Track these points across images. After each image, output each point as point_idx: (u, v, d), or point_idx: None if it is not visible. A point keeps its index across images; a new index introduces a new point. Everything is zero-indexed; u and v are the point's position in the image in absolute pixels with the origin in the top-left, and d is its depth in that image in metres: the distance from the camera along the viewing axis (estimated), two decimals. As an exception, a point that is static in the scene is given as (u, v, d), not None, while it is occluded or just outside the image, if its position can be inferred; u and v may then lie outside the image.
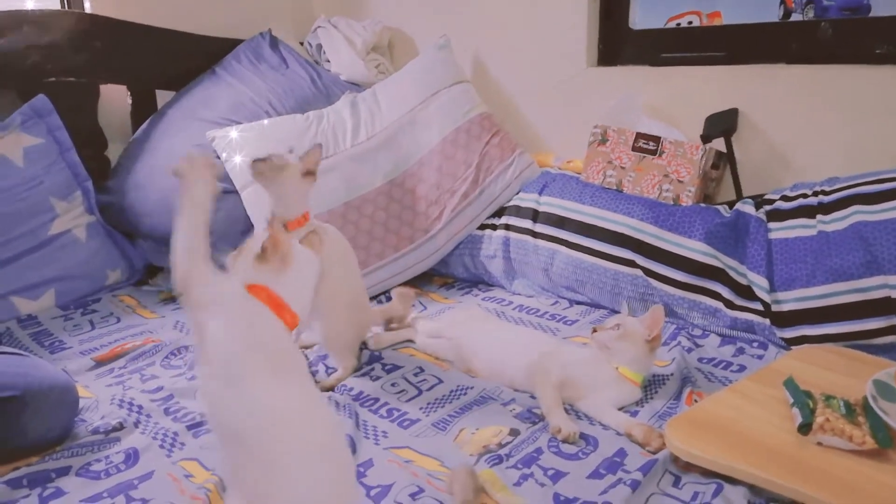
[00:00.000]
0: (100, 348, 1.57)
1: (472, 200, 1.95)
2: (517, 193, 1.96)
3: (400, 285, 1.92)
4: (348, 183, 1.89)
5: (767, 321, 1.52)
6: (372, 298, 1.87)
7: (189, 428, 1.21)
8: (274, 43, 2.34)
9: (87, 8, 2.14)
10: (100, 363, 1.49)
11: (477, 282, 2.02)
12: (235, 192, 1.87)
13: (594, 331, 1.32)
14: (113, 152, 2.13)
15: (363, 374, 1.43)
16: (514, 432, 1.19)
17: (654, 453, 1.11)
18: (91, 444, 1.16)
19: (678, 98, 1.97)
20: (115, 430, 1.20)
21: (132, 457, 1.13)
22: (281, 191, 1.36)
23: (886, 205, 1.45)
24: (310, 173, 1.38)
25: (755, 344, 1.54)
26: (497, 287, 1.98)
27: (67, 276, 1.82)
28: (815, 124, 1.76)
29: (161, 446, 1.16)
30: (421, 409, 1.29)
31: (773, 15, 1.83)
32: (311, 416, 0.88)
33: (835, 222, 1.50)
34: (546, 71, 2.22)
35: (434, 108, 2.04)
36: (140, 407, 1.27)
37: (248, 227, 1.89)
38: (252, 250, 0.93)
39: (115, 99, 2.18)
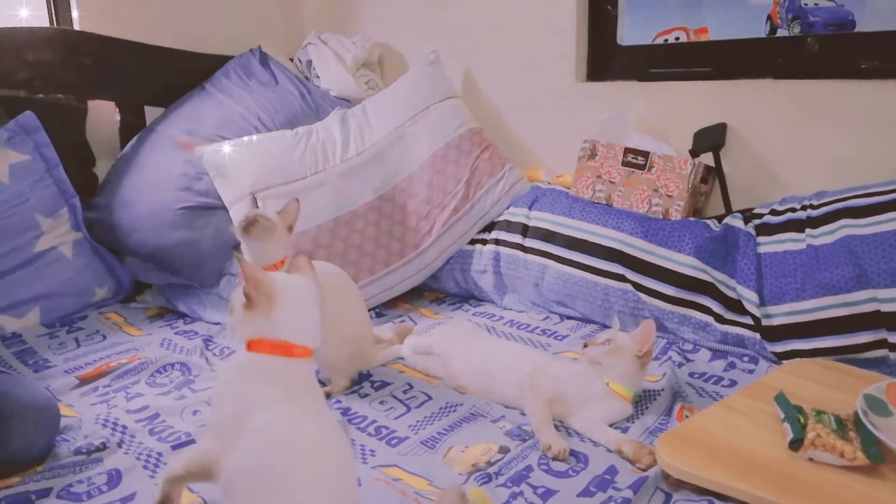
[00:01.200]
0: (85, 367, 1.55)
1: (463, 215, 1.95)
2: (507, 208, 1.96)
3: (391, 300, 1.92)
4: (338, 198, 1.88)
5: (758, 335, 1.52)
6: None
7: (174, 448, 1.19)
8: (264, 59, 2.34)
9: (76, 25, 2.13)
10: (84, 381, 1.47)
11: (468, 297, 2.01)
12: (223, 208, 1.86)
13: (585, 346, 1.31)
14: (101, 168, 2.12)
15: (352, 392, 1.41)
16: (504, 450, 1.17)
17: (644, 470, 1.10)
18: (73, 465, 1.14)
19: (667, 113, 1.98)
20: (97, 450, 1.18)
21: (115, 478, 1.11)
22: (264, 247, 1.39)
23: (874, 218, 1.46)
24: (290, 228, 1.43)
25: (746, 358, 1.54)
26: (488, 302, 1.97)
27: (53, 294, 1.80)
28: (802, 138, 1.76)
29: (145, 467, 1.14)
30: (410, 426, 1.27)
31: (759, 31, 1.85)
32: (324, 449, 0.87)
33: (823, 236, 1.51)
34: (536, 86, 2.23)
35: (424, 123, 2.04)
36: (124, 427, 1.25)
37: (236, 243, 1.88)
38: (239, 302, 0.92)
39: (103, 115, 2.17)
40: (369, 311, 1.86)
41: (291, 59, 2.54)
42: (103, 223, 1.93)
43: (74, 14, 2.13)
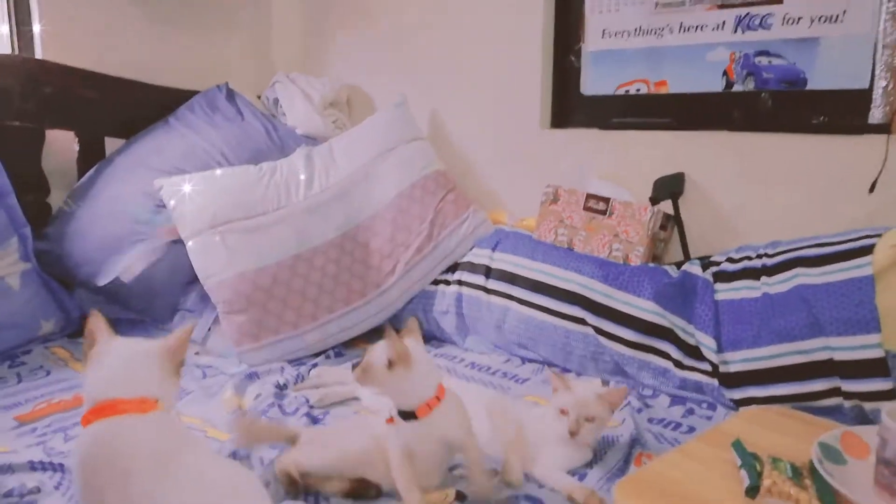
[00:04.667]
0: (24, 403, 1.49)
1: (427, 255, 1.94)
2: (471, 249, 1.96)
3: (351, 340, 1.89)
4: (299, 235, 1.86)
5: (716, 381, 1.53)
6: (321, 353, 1.82)
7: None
8: (230, 95, 2.34)
9: (38, 54, 2.10)
10: (22, 423, 1.40)
11: (430, 338, 1.99)
12: (180, 241, 1.82)
13: (572, 435, 1.21)
14: (56, 198, 2.07)
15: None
16: (461, 496, 1.14)
17: None
18: (3, 507, 1.07)
19: (627, 161, 2.02)
20: (31, 492, 1.11)
21: (48, 523, 1.05)
22: (387, 388, 1.15)
23: (827, 268, 1.49)
24: (392, 362, 1.13)
25: (704, 405, 1.54)
26: (449, 343, 1.95)
27: (-3, 326, 1.73)
28: (757, 189, 1.82)
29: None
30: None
31: (716, 85, 1.92)
32: None
33: (778, 284, 1.54)
34: (501, 131, 2.26)
35: (390, 163, 2.05)
36: (61, 466, 1.18)
37: (192, 278, 1.84)
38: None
39: (61, 144, 2.13)
40: (327, 350, 1.83)
41: (259, 97, 2.54)
42: (53, 254, 1.87)
43: (37, 43, 2.10)
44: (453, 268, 1.95)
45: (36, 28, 2.09)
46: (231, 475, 0.91)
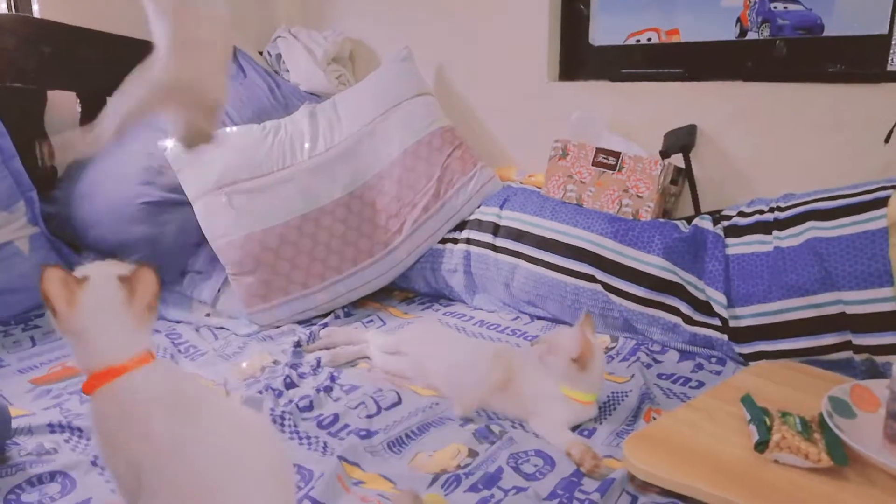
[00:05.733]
0: (39, 366, 1.50)
1: (434, 213, 1.93)
2: (478, 207, 1.94)
3: (360, 300, 1.89)
4: (306, 195, 1.85)
5: (725, 337, 1.52)
6: (329, 313, 1.83)
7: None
8: (232, 51, 2.29)
9: (36, 12, 2.06)
10: (38, 386, 1.42)
11: (438, 296, 1.99)
12: (187, 203, 1.81)
13: (532, 345, 1.30)
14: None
15: (325, 393, 1.38)
16: (473, 453, 1.16)
17: (586, 474, 1.09)
18: (23, 464, 1.09)
19: (638, 113, 1.98)
20: (48, 453, 1.14)
21: (68, 485, 1.07)
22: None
23: (840, 221, 1.47)
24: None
25: (713, 360, 1.54)
26: (458, 302, 1.95)
27: (8, 290, 1.74)
28: (770, 141, 1.78)
29: (100, 474, 1.10)
30: (378, 430, 1.24)
31: (729, 33, 1.86)
32: None
33: (790, 238, 1.52)
34: (508, 85, 2.22)
35: (395, 119, 2.01)
36: (78, 428, 1.21)
37: (201, 240, 1.84)
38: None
39: (63, 105, 2.10)
40: (338, 310, 1.84)
41: (261, 53, 2.50)
42: (61, 217, 1.87)
43: (34, 1, 2.06)
44: (461, 226, 1.94)
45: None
46: (248, 416, 0.92)
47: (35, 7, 2.07)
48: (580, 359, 1.21)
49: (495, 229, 1.86)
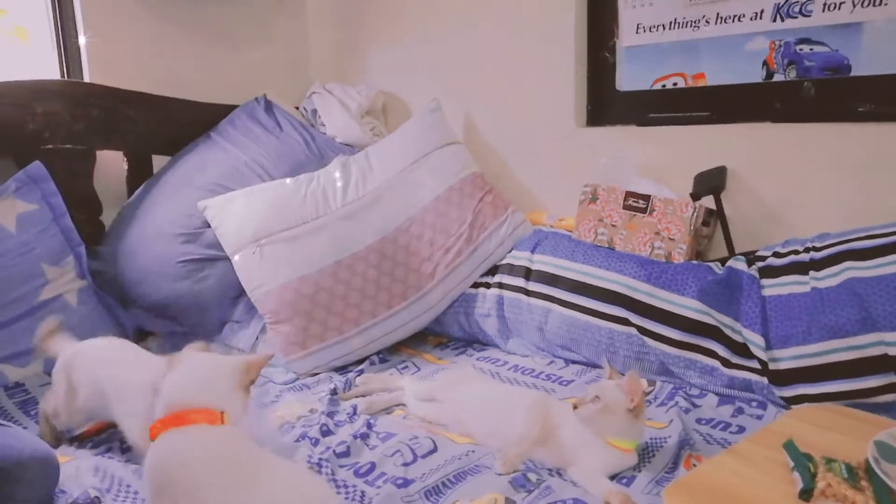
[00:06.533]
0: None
1: (466, 258, 1.95)
2: (510, 251, 1.96)
3: (394, 346, 1.91)
4: (339, 242, 1.89)
5: (765, 380, 1.50)
6: (365, 359, 1.85)
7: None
8: (269, 107, 2.39)
9: (87, 77, 2.19)
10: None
11: (472, 341, 2.00)
12: (226, 258, 1.87)
13: (575, 407, 1.25)
14: (108, 217, 2.15)
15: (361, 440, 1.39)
16: (510, 502, 1.15)
17: None
18: (70, 519, 1.12)
19: (667, 157, 2.00)
20: (92, 502, 1.16)
21: (112, 532, 1.09)
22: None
23: (878, 260, 1.45)
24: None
25: (754, 403, 1.51)
26: (492, 346, 1.96)
27: (57, 342, 1.80)
28: (802, 181, 1.77)
29: (143, 521, 1.12)
30: (414, 478, 1.25)
31: (755, 76, 1.88)
32: None
33: (828, 278, 1.50)
34: (536, 131, 2.26)
35: (426, 168, 2.06)
36: (120, 479, 1.23)
37: (239, 293, 1.89)
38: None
39: (111, 164, 2.21)
40: (373, 356, 1.86)
41: (297, 108, 2.59)
42: (108, 273, 1.94)
43: (85, 67, 2.19)
44: (493, 270, 1.96)
45: (82, 40, 2.15)
46: (304, 486, 0.92)
47: (86, 73, 2.19)
48: (637, 408, 1.21)
49: (527, 273, 1.87)
